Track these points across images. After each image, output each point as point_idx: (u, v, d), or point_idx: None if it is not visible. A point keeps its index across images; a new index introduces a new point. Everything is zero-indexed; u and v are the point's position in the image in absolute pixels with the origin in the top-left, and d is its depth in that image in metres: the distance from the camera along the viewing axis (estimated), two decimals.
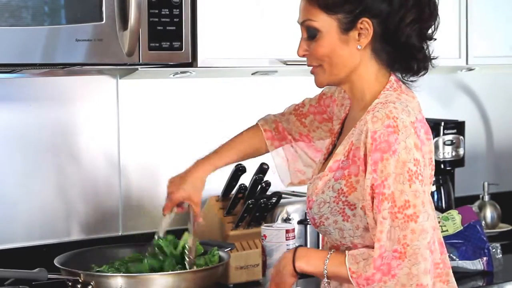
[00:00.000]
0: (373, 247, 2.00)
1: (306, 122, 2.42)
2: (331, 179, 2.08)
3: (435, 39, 2.09)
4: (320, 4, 2.03)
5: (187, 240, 2.46)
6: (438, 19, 2.09)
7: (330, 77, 2.09)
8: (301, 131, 2.43)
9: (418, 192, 1.98)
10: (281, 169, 2.49)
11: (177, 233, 2.54)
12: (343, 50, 2.05)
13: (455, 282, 2.16)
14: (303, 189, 2.50)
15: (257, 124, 2.48)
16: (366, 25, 2.03)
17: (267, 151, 2.47)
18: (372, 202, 1.99)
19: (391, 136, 1.96)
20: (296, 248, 2.11)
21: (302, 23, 2.09)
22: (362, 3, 2.02)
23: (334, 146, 2.20)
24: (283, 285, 2.11)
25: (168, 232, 2.49)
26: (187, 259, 2.44)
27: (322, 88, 2.33)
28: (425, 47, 2.08)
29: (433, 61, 2.11)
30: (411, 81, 2.13)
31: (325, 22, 2.04)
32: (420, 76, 2.12)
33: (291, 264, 2.08)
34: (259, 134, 2.46)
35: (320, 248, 2.25)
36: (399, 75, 2.12)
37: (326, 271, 2.04)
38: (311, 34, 2.07)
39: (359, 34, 2.04)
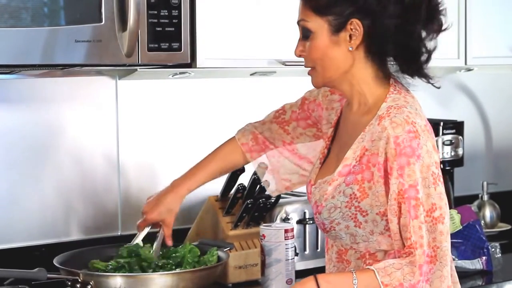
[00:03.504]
0: (389, 250, 2.01)
1: (289, 129, 2.41)
2: (341, 184, 2.07)
3: (431, 40, 2.09)
4: (311, 6, 2.06)
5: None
6: (439, 20, 2.08)
7: (325, 79, 2.11)
8: (284, 139, 2.42)
9: (442, 194, 2.00)
10: (265, 179, 2.49)
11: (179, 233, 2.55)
12: (335, 51, 2.06)
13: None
14: (302, 189, 2.50)
15: (234, 137, 2.47)
16: (356, 26, 2.03)
17: (247, 163, 2.48)
18: (399, 207, 1.97)
19: (414, 141, 1.97)
20: (315, 278, 1.98)
21: (298, 23, 2.11)
22: (352, 5, 2.02)
23: (329, 150, 2.20)
24: None
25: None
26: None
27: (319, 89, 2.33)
28: (422, 48, 2.06)
29: (428, 63, 2.09)
30: (424, 77, 2.09)
31: (317, 23, 2.06)
32: (423, 76, 2.10)
33: None
34: (236, 148, 2.45)
35: (325, 251, 2.23)
36: (401, 75, 2.12)
37: None
38: (305, 34, 2.09)
39: (350, 35, 2.04)
